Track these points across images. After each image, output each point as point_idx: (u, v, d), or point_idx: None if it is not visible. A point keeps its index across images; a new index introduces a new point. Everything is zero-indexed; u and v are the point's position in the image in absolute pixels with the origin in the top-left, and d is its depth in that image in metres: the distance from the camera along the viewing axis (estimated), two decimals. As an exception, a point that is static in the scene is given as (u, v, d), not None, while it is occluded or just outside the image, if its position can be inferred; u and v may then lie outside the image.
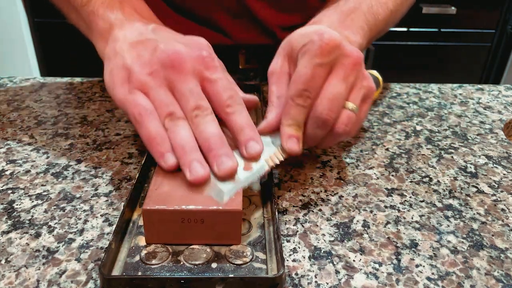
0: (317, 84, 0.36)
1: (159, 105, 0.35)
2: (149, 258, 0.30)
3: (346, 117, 0.37)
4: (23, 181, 0.40)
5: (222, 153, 0.33)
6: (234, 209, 0.31)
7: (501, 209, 0.38)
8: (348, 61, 0.36)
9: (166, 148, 0.34)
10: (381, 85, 0.51)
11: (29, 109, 0.54)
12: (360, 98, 0.37)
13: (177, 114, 0.35)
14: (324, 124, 0.36)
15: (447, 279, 0.31)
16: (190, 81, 0.35)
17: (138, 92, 0.36)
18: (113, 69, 0.38)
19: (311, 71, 0.35)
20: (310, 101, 0.36)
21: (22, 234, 0.34)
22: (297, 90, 0.35)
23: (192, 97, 0.35)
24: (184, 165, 0.33)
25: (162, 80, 0.36)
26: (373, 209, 0.38)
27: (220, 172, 0.32)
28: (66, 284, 0.29)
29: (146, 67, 0.36)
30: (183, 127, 0.34)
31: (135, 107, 0.35)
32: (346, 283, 0.30)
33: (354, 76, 0.36)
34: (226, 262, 0.30)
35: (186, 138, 0.34)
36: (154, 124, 0.35)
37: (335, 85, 0.36)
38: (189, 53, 0.36)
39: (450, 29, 1.69)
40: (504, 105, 0.59)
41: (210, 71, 0.36)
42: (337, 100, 0.36)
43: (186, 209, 0.30)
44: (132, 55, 0.37)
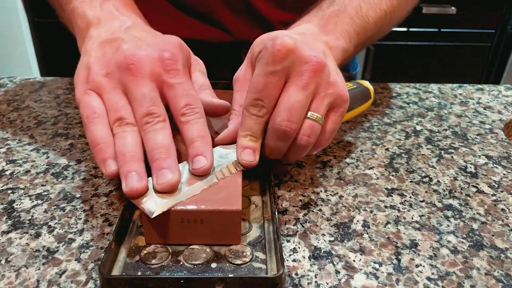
0: (271, 93, 0.34)
1: (110, 108, 0.33)
2: (149, 258, 0.30)
3: (308, 127, 0.35)
4: (23, 181, 0.40)
5: (165, 165, 0.31)
6: (233, 209, 0.31)
7: (501, 209, 0.38)
8: (306, 67, 0.34)
9: (108, 154, 0.32)
10: (372, 96, 0.46)
11: (29, 109, 0.54)
12: (324, 107, 0.35)
13: (127, 119, 0.33)
14: (285, 136, 0.34)
15: (447, 279, 0.31)
16: (145, 85, 0.33)
17: (92, 93, 0.34)
18: (79, 68, 0.37)
19: (263, 80, 0.34)
20: (266, 110, 0.34)
21: (22, 234, 0.34)
22: (250, 100, 0.34)
23: (144, 102, 0.33)
24: (121, 174, 0.31)
25: (117, 82, 0.34)
26: (373, 209, 0.38)
27: (158, 186, 0.31)
28: (66, 284, 0.29)
29: (104, 68, 0.35)
30: (130, 134, 0.32)
31: (85, 109, 0.34)
32: (346, 283, 0.30)
33: (314, 84, 0.34)
34: (225, 262, 0.30)
35: (130, 146, 0.32)
36: (101, 128, 0.33)
37: (292, 94, 0.34)
38: (149, 55, 0.34)
39: (450, 29, 1.69)
40: (504, 105, 0.59)
41: (170, 75, 0.34)
42: (295, 109, 0.34)
43: (185, 209, 0.30)
44: (97, 55, 0.36)
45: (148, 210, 0.30)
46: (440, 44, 1.71)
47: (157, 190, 0.31)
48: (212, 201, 0.31)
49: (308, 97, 0.34)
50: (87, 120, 0.33)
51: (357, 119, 0.53)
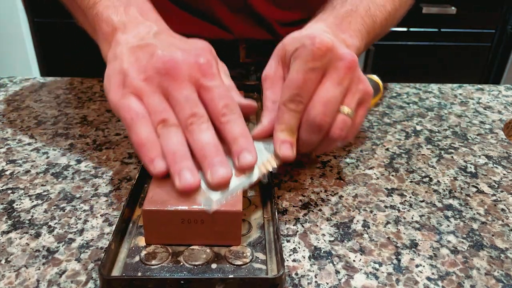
0: (309, 89, 0.35)
1: (153, 111, 0.35)
2: (149, 258, 0.30)
3: (341, 121, 0.36)
4: (23, 181, 0.40)
5: (217, 161, 0.32)
6: (234, 209, 0.31)
7: (501, 209, 0.38)
8: (341, 64, 0.35)
9: (156, 154, 0.33)
10: (381, 90, 0.49)
11: (29, 109, 0.54)
12: (355, 102, 0.37)
13: (171, 121, 0.34)
14: (319, 129, 0.35)
15: (447, 279, 0.31)
16: (186, 88, 0.35)
17: (132, 97, 0.35)
18: (110, 73, 0.37)
19: (303, 76, 0.35)
20: (303, 106, 0.35)
21: (22, 234, 0.34)
22: (289, 95, 0.35)
23: (187, 104, 0.34)
24: (174, 172, 0.32)
25: (157, 86, 0.35)
26: (373, 209, 0.38)
27: (213, 181, 0.32)
28: (66, 284, 0.29)
29: (142, 73, 0.36)
30: (175, 134, 0.34)
31: (127, 111, 0.35)
32: (346, 283, 0.30)
33: (348, 80, 0.36)
34: (226, 263, 0.30)
35: (178, 144, 0.33)
36: (145, 129, 0.34)
37: (328, 89, 0.35)
38: (186, 59, 0.35)
39: (450, 29, 1.69)
40: (504, 105, 0.59)
41: (207, 79, 0.35)
42: (331, 104, 0.35)
43: (186, 210, 0.30)
44: (130, 60, 0.37)
45: (206, 205, 0.31)
46: (440, 44, 1.71)
47: (210, 186, 0.32)
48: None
49: (342, 92, 0.36)
50: (132, 121, 0.34)
51: (357, 119, 0.53)
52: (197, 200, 0.31)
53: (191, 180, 0.31)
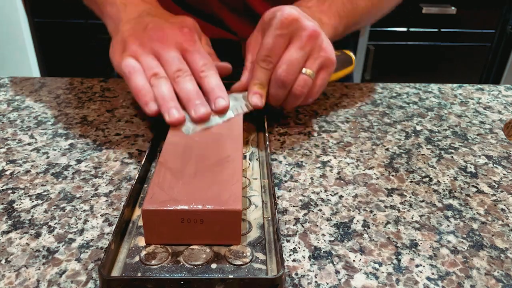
0: (277, 51, 0.43)
1: (147, 67, 0.43)
2: (149, 258, 0.30)
3: (302, 80, 0.44)
4: (23, 181, 0.40)
5: (199, 102, 0.41)
6: (233, 209, 0.31)
7: (501, 209, 0.38)
8: (304, 33, 0.43)
9: (150, 98, 0.41)
10: (354, 63, 0.57)
11: (29, 109, 0.54)
12: (316, 65, 0.44)
13: (161, 74, 0.42)
14: (283, 84, 0.43)
15: (447, 279, 0.31)
16: (172, 50, 0.44)
17: (130, 57, 0.44)
18: (114, 43, 0.47)
19: (272, 40, 0.43)
20: (272, 65, 0.43)
21: (22, 234, 0.34)
22: (261, 56, 0.43)
23: (174, 62, 0.43)
24: (164, 110, 0.40)
25: (149, 49, 0.44)
26: (373, 209, 0.38)
27: (196, 115, 0.40)
28: (66, 284, 0.29)
29: (137, 40, 0.44)
30: (165, 83, 0.42)
31: (126, 67, 0.43)
32: (346, 283, 0.30)
33: (310, 47, 0.43)
34: (225, 263, 0.30)
35: (167, 90, 0.41)
36: (141, 79, 0.42)
37: (292, 52, 0.43)
38: (172, 29, 0.45)
39: (450, 29, 1.69)
40: (504, 105, 0.59)
41: (189, 44, 0.45)
42: (293, 64, 0.43)
43: (185, 209, 0.30)
44: (129, 32, 0.46)
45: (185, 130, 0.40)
46: (440, 44, 1.71)
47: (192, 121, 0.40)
48: (212, 201, 0.31)
49: (304, 56, 0.43)
50: (129, 74, 0.43)
51: (357, 119, 0.53)
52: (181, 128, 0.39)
53: (177, 115, 0.40)
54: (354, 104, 0.57)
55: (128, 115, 0.53)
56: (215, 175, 0.34)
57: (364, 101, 0.58)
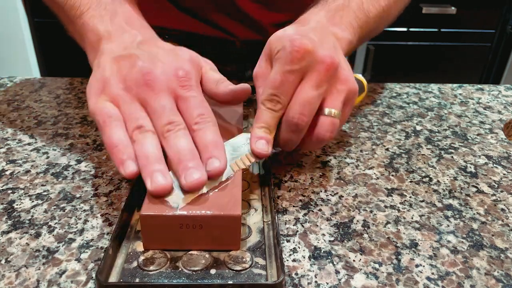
0: (287, 90, 0.36)
1: (129, 118, 0.35)
2: (147, 264, 0.30)
3: (329, 123, 0.37)
4: (23, 181, 0.40)
5: (192, 165, 0.32)
6: (233, 214, 0.30)
7: (501, 209, 0.38)
8: (321, 67, 0.36)
9: (127, 156, 0.33)
10: (366, 89, 0.51)
11: (29, 109, 0.54)
12: (340, 102, 0.38)
13: (147, 127, 0.35)
14: (297, 128, 0.37)
15: (447, 279, 0.31)
16: (164, 98, 0.36)
17: (109, 103, 0.36)
18: (92, 81, 0.38)
19: (281, 78, 0.36)
20: (281, 105, 0.37)
21: (22, 234, 0.34)
22: (267, 95, 0.37)
23: (164, 113, 0.35)
24: (146, 175, 0.32)
25: (134, 96, 0.36)
26: (373, 209, 0.38)
27: (187, 184, 0.32)
28: (66, 284, 0.29)
29: (121, 82, 0.37)
30: (151, 139, 0.34)
31: (101, 114, 0.36)
32: (346, 283, 0.30)
33: (328, 81, 0.37)
34: (225, 268, 0.30)
35: (152, 149, 0.34)
36: (118, 131, 0.35)
37: (306, 91, 0.36)
38: (165, 72, 0.37)
39: (450, 29, 1.69)
40: (504, 105, 0.59)
41: (184, 89, 0.37)
42: (308, 104, 0.36)
43: (184, 215, 0.30)
44: (112, 69, 0.38)
45: (174, 203, 0.31)
46: (440, 44, 1.71)
47: (183, 189, 0.32)
48: (211, 206, 0.31)
49: (321, 94, 0.37)
50: (104, 123, 0.35)
51: (357, 119, 0.53)
52: (166, 198, 0.32)
53: (163, 182, 0.32)
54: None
55: (128, 115, 0.53)
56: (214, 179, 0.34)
57: (364, 101, 0.58)
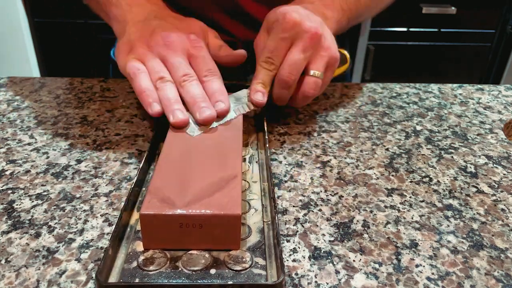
0: (279, 53, 0.44)
1: (153, 71, 0.44)
2: (147, 264, 0.30)
3: (313, 82, 0.45)
4: (23, 181, 0.40)
5: (204, 105, 0.42)
6: (233, 213, 0.30)
7: (501, 209, 0.38)
8: (306, 36, 0.44)
9: (153, 99, 0.42)
10: (348, 61, 0.59)
11: (29, 109, 0.54)
12: (323, 65, 0.45)
13: (167, 78, 0.43)
14: (286, 85, 0.45)
15: (447, 279, 0.31)
16: (179, 55, 0.45)
17: (136, 60, 0.45)
18: (120, 44, 0.48)
19: (274, 44, 0.44)
20: (274, 66, 0.45)
21: (22, 234, 0.34)
22: (264, 58, 0.45)
23: (180, 67, 0.44)
24: (168, 112, 0.41)
25: (156, 54, 0.45)
26: (373, 209, 0.38)
27: (201, 117, 0.41)
28: (66, 284, 0.29)
29: (145, 44, 0.46)
30: (171, 87, 0.43)
31: (131, 68, 0.44)
32: (346, 283, 0.30)
33: (313, 48, 0.44)
34: (225, 268, 0.30)
35: (172, 94, 0.42)
36: (145, 80, 0.43)
37: (294, 54, 0.44)
38: (179, 36, 0.46)
39: (450, 29, 1.69)
40: (504, 105, 0.59)
41: (195, 50, 0.46)
42: (295, 65, 0.44)
43: (184, 214, 0.30)
44: (136, 34, 0.47)
45: (190, 132, 0.40)
46: (440, 44, 1.71)
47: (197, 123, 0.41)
48: (211, 206, 0.31)
49: (306, 57, 0.44)
50: (134, 75, 0.44)
51: (357, 119, 0.53)
52: (185, 130, 0.40)
53: (182, 116, 0.41)
54: (354, 104, 0.57)
55: (128, 115, 0.53)
56: (214, 179, 0.34)
57: (364, 101, 0.58)
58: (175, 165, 0.35)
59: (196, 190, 0.32)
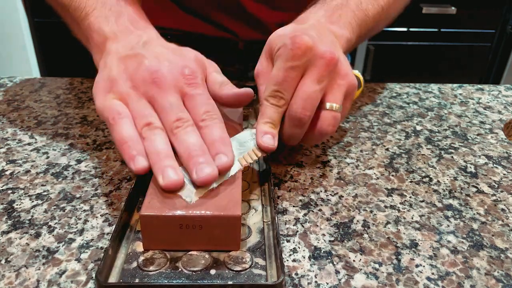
0: (289, 86, 0.37)
1: (138, 115, 0.36)
2: (147, 264, 0.30)
3: (331, 117, 0.38)
4: (23, 181, 0.40)
5: (202, 161, 0.33)
6: (233, 214, 0.30)
7: (501, 209, 0.38)
8: (321, 62, 0.37)
9: (137, 151, 0.34)
10: (362, 85, 0.52)
11: (29, 109, 0.54)
12: (341, 96, 0.39)
13: (156, 124, 0.35)
14: (300, 123, 0.38)
15: (447, 279, 0.31)
16: (171, 95, 0.36)
17: (117, 101, 0.37)
18: (99, 80, 0.39)
19: (283, 74, 0.37)
20: (284, 101, 0.38)
21: (22, 234, 0.34)
22: (270, 92, 0.38)
23: (172, 110, 0.36)
24: (157, 170, 0.33)
25: (142, 94, 0.37)
26: (373, 209, 0.38)
27: (199, 179, 0.32)
28: (66, 284, 0.29)
29: (129, 81, 0.37)
30: (160, 136, 0.35)
31: (110, 111, 0.36)
32: (346, 283, 0.30)
33: (328, 76, 0.38)
34: (225, 269, 0.30)
35: (162, 145, 0.34)
36: (127, 127, 0.35)
37: (308, 85, 0.37)
38: (171, 70, 0.37)
39: (450, 29, 1.69)
40: (504, 105, 0.59)
41: (191, 87, 0.37)
42: (310, 99, 0.37)
43: (184, 215, 0.30)
44: (119, 69, 0.38)
45: (187, 198, 0.32)
46: (440, 44, 1.71)
47: (194, 184, 0.33)
48: (211, 207, 0.31)
49: (322, 88, 0.38)
50: (113, 120, 0.35)
51: (357, 119, 0.53)
52: (180, 195, 0.32)
53: (175, 178, 0.32)
54: (354, 104, 0.57)
55: (128, 115, 0.53)
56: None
57: (364, 101, 0.58)
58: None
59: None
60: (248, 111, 0.51)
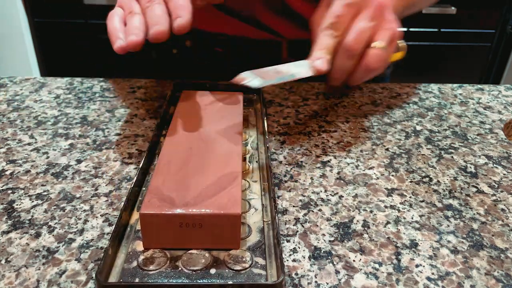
0: (345, 19, 0.42)
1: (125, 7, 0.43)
2: (147, 263, 0.30)
3: (376, 54, 0.42)
4: (23, 181, 0.40)
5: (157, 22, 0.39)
6: (233, 213, 0.30)
7: (501, 209, 0.38)
8: (374, 4, 0.42)
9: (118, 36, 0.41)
10: (405, 52, 0.54)
11: (29, 109, 0.54)
12: (387, 38, 0.43)
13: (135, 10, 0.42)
14: (351, 54, 0.42)
15: (447, 279, 0.31)
16: None
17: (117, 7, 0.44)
18: None
19: (340, 9, 0.42)
20: (339, 32, 0.42)
21: (22, 234, 0.34)
22: (328, 24, 0.42)
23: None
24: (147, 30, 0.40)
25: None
26: (373, 209, 0.38)
27: (150, 35, 0.39)
28: (66, 284, 0.29)
29: None
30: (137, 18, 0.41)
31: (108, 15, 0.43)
32: (346, 283, 0.30)
33: (379, 18, 0.42)
34: (225, 268, 0.30)
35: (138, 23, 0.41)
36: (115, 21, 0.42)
37: (362, 21, 0.42)
38: None
39: (450, 29, 1.69)
40: (504, 105, 0.59)
41: None
42: (362, 33, 0.41)
43: (184, 213, 0.30)
44: None
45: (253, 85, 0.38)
46: (440, 44, 1.71)
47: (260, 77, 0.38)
48: (211, 205, 0.31)
49: (373, 27, 0.42)
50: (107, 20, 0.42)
51: (357, 119, 0.53)
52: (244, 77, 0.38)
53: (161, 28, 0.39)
54: (354, 104, 0.57)
55: (128, 115, 0.53)
56: (214, 178, 0.34)
57: (364, 101, 0.58)
58: (175, 165, 0.35)
59: (196, 190, 0.32)
60: (248, 111, 0.51)
